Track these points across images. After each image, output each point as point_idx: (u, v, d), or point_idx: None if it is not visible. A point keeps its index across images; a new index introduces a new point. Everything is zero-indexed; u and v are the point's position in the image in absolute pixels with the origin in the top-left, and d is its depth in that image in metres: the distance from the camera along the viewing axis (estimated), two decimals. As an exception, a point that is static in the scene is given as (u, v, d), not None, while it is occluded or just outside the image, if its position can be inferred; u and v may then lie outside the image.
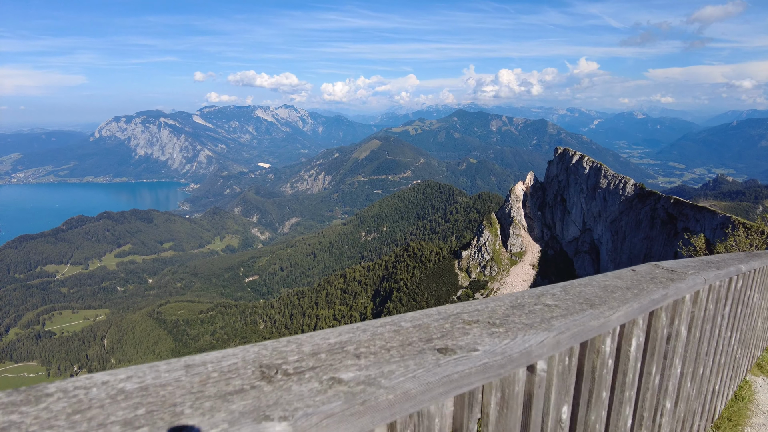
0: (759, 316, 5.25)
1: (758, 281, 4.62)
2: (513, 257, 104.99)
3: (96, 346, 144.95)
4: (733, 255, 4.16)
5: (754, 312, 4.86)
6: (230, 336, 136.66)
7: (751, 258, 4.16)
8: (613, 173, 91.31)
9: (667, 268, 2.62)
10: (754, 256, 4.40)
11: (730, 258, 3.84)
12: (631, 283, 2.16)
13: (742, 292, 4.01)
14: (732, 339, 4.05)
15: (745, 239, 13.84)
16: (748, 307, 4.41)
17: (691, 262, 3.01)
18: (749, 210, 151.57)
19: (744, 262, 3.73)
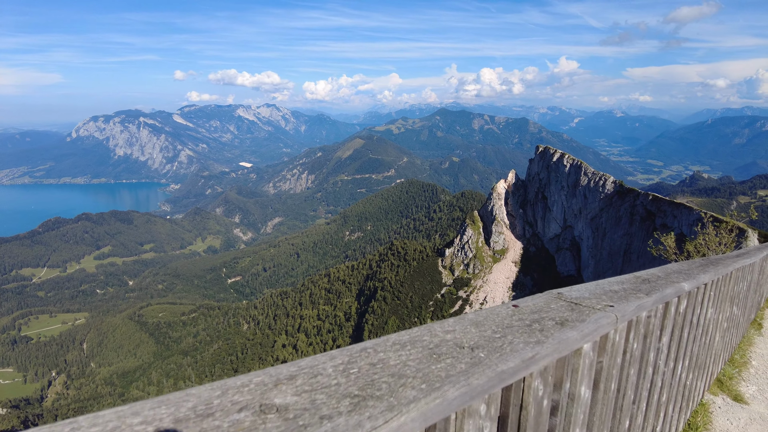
0: (717, 330, 4.78)
1: (713, 295, 4.16)
2: (496, 255, 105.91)
3: (75, 350, 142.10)
4: (680, 267, 3.61)
5: (709, 329, 4.38)
6: (213, 338, 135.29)
7: (702, 269, 3.69)
8: (593, 171, 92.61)
9: (572, 299, 2.01)
10: (707, 266, 3.93)
11: (673, 272, 3.23)
12: (484, 340, 1.41)
13: (689, 313, 3.48)
14: (678, 368, 3.56)
15: (714, 237, 13.62)
16: (700, 326, 3.92)
17: (615, 284, 2.49)
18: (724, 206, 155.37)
19: (691, 277, 3.21)
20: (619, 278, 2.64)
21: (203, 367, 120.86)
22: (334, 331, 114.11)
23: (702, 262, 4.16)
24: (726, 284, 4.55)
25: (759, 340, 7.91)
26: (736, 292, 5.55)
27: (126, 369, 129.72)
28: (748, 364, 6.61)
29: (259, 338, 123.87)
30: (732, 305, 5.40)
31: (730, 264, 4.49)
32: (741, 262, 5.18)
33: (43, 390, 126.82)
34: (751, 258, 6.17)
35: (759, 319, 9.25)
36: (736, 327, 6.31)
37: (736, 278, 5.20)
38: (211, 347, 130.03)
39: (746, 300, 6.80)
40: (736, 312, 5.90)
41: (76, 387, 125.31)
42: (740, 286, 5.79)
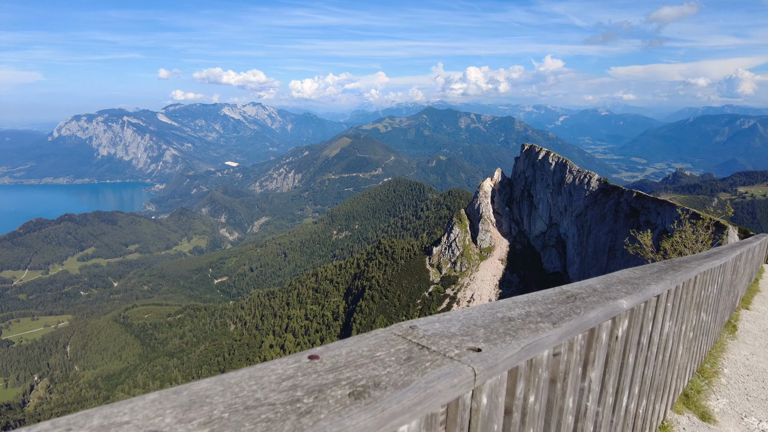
0: (680, 343, 4.29)
1: (671, 306, 3.60)
2: (482, 252, 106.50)
3: (58, 353, 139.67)
4: (630, 275, 3.07)
5: (668, 345, 3.84)
6: (200, 339, 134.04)
7: (657, 277, 3.20)
8: (578, 169, 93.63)
9: (422, 338, 1.37)
10: (667, 272, 3.51)
11: (616, 284, 2.70)
12: None
13: (635, 334, 2.82)
14: (624, 398, 2.92)
15: (691, 234, 13.39)
16: (654, 345, 3.34)
17: (520, 306, 1.88)
18: (705, 202, 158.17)
19: (638, 289, 2.65)
20: (535, 296, 2.07)
21: (190, 368, 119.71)
22: (322, 330, 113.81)
23: (661, 266, 3.79)
24: (690, 291, 4.14)
25: (732, 345, 7.46)
26: (705, 297, 5.12)
27: (111, 372, 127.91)
28: (719, 373, 6.12)
29: (247, 339, 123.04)
30: (699, 312, 4.96)
31: (694, 268, 4.13)
32: (709, 264, 4.84)
33: (25, 395, 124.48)
34: (722, 258, 5.88)
35: (733, 320, 8.90)
36: (705, 334, 5.88)
37: (704, 282, 4.78)
38: (198, 348, 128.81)
39: (717, 304, 6.38)
40: (705, 318, 5.47)
41: (59, 391, 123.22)
42: (709, 290, 5.35)
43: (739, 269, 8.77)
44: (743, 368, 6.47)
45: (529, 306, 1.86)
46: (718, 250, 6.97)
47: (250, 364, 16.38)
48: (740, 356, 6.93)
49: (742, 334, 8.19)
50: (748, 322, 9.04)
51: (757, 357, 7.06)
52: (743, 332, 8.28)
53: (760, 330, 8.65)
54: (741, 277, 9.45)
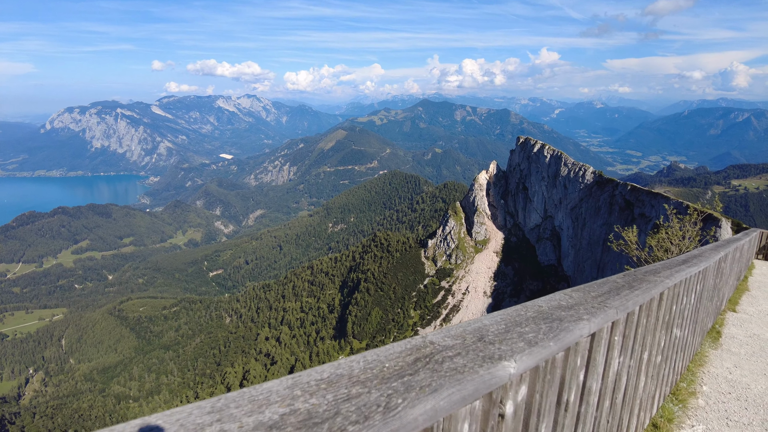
0: (642, 373, 3.65)
1: (619, 340, 2.80)
2: (477, 245, 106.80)
3: (53, 346, 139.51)
4: (563, 300, 2.39)
5: (622, 382, 3.10)
6: (195, 331, 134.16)
7: (599, 305, 2.42)
8: (573, 161, 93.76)
9: None
10: (615, 294, 2.76)
11: (494, 334, 1.81)
12: None
13: (550, 393, 2.03)
14: None
15: (678, 231, 12.81)
16: (592, 394, 2.59)
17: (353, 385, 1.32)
18: (699, 195, 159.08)
19: (551, 334, 1.85)
20: (356, 363, 1.34)
21: (185, 361, 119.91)
22: (317, 323, 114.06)
23: (616, 283, 3.14)
24: (655, 310, 3.59)
25: (714, 356, 6.68)
26: (678, 312, 4.55)
27: (106, 364, 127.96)
28: (696, 393, 5.36)
29: (242, 331, 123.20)
30: (671, 330, 4.39)
31: (661, 281, 3.56)
32: (684, 273, 4.26)
33: (20, 388, 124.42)
34: (703, 263, 5.29)
35: (718, 325, 8.19)
36: (681, 350, 5.24)
37: (675, 296, 4.24)
38: (194, 341, 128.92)
39: (696, 314, 5.79)
40: (679, 334, 4.88)
41: (54, 384, 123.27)
42: (685, 302, 4.78)
43: (725, 271, 8.17)
44: (725, 384, 5.75)
45: (336, 386, 1.20)
46: (699, 252, 6.24)
47: (245, 357, 16.49)
48: (722, 369, 6.22)
49: (727, 341, 7.48)
50: (734, 326, 8.38)
51: (741, 370, 6.31)
52: (728, 339, 7.58)
53: (747, 335, 7.93)
54: (727, 278, 8.90)
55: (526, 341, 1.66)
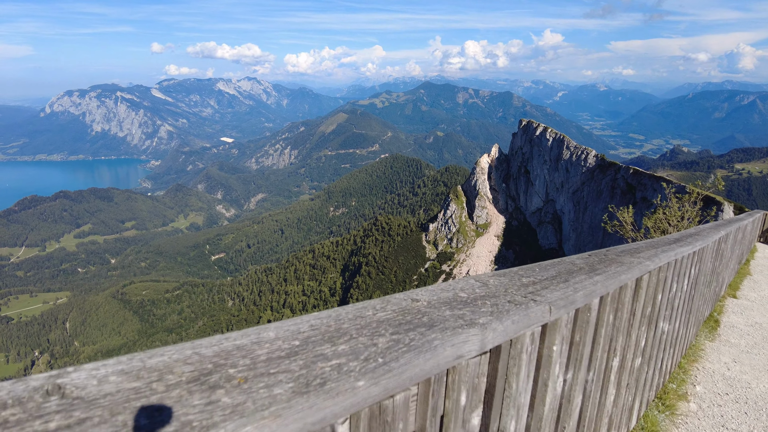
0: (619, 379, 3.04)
1: (563, 347, 2.08)
2: (478, 229, 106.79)
3: (58, 329, 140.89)
4: (480, 289, 1.90)
5: (573, 402, 2.34)
6: (198, 314, 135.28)
7: (529, 298, 1.75)
8: (575, 145, 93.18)
9: None
10: (565, 281, 2.11)
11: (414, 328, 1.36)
12: None
13: None
14: None
15: (676, 211, 12.19)
16: None
17: None
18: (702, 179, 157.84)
19: (458, 328, 1.28)
20: None
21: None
22: (319, 306, 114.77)
23: (575, 265, 2.38)
24: (627, 301, 2.78)
25: (711, 349, 5.92)
26: (666, 301, 3.81)
27: (111, 347, 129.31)
28: (688, 395, 4.59)
29: (244, 314, 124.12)
30: (656, 323, 3.63)
31: (634, 266, 2.66)
32: (672, 254, 3.46)
33: (26, 370, 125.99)
34: (698, 242, 4.51)
35: (716, 313, 7.46)
36: (670, 346, 4.48)
37: (662, 281, 3.47)
38: (196, 324, 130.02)
39: (690, 302, 5.01)
40: (667, 328, 4.13)
41: (59, 366, 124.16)
42: (675, 289, 4.03)
43: (725, 253, 7.46)
44: (722, 383, 5.01)
45: None
46: (696, 230, 5.51)
47: None
48: (719, 365, 5.49)
49: (726, 331, 6.79)
50: (734, 314, 7.69)
51: (741, 365, 5.53)
52: (727, 329, 6.88)
53: (748, 324, 7.23)
54: (728, 261, 8.21)
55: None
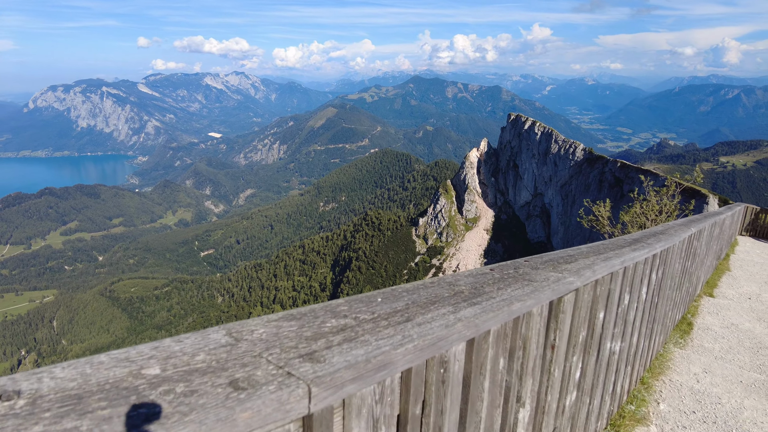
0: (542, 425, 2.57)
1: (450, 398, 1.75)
2: (468, 223, 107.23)
3: (45, 328, 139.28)
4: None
5: None
6: (187, 311, 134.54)
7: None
8: (563, 138, 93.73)
9: None
10: (415, 316, 1.80)
11: None
12: None
13: None
14: None
15: (655, 205, 11.73)
16: None
17: None
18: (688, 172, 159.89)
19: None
20: None
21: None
22: (310, 301, 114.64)
23: (429, 297, 1.70)
24: (532, 336, 2.09)
25: (680, 358, 5.36)
26: (617, 316, 3.28)
27: (99, 345, 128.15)
28: (648, 417, 3.98)
29: (234, 310, 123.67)
30: (602, 345, 3.08)
31: (547, 286, 2.04)
32: (614, 263, 2.83)
33: (12, 369, 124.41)
34: (659, 244, 3.94)
35: (690, 315, 7.02)
36: (627, 364, 3.93)
37: (602, 297, 2.86)
38: (186, 321, 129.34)
39: (654, 310, 4.50)
40: (620, 346, 3.53)
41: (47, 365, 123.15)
42: (628, 300, 3.48)
43: (698, 251, 6.90)
44: (689, 398, 4.40)
45: None
46: (663, 228, 5.05)
47: None
48: (688, 376, 4.88)
49: (699, 335, 6.25)
50: (709, 315, 7.23)
51: (712, 376, 4.96)
52: (701, 332, 6.36)
53: (723, 325, 6.74)
54: (703, 259, 7.73)
55: None
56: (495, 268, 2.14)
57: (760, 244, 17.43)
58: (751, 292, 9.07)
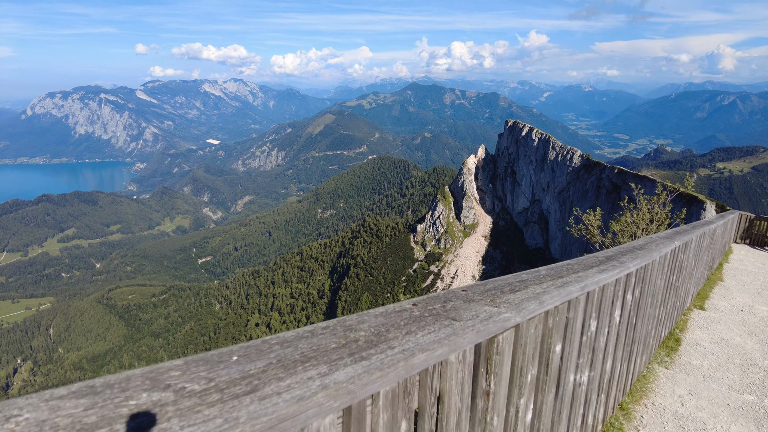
0: None
1: None
2: (466, 229, 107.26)
3: (41, 336, 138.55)
4: None
5: None
6: (185, 318, 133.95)
7: None
8: (561, 145, 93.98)
9: None
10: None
11: None
12: None
13: None
14: None
15: (646, 213, 11.34)
16: None
17: None
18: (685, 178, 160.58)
19: None
20: None
21: (175, 348, 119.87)
22: (307, 308, 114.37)
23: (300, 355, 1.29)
24: (448, 388, 1.71)
25: (665, 378, 5.00)
26: (584, 347, 2.97)
27: (96, 353, 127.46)
28: None
29: (232, 318, 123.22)
30: (557, 383, 2.68)
31: (471, 328, 1.68)
32: (571, 290, 2.47)
33: (8, 377, 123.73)
34: (632, 263, 3.48)
35: (679, 330, 6.65)
36: (600, 393, 3.57)
37: (552, 330, 2.44)
38: (183, 328, 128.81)
39: (633, 331, 4.12)
40: (587, 376, 3.16)
41: (43, 373, 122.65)
42: (596, 326, 3.10)
43: (686, 263, 6.49)
44: (672, 424, 4.01)
45: None
46: (644, 242, 4.52)
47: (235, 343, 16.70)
48: (672, 399, 4.50)
49: (687, 351, 5.87)
50: (699, 329, 6.88)
51: (698, 398, 4.60)
52: (689, 348, 5.99)
53: (713, 341, 6.33)
54: (691, 271, 7.35)
55: None
56: (419, 303, 1.80)
57: (755, 252, 17.25)
58: (743, 304, 8.86)
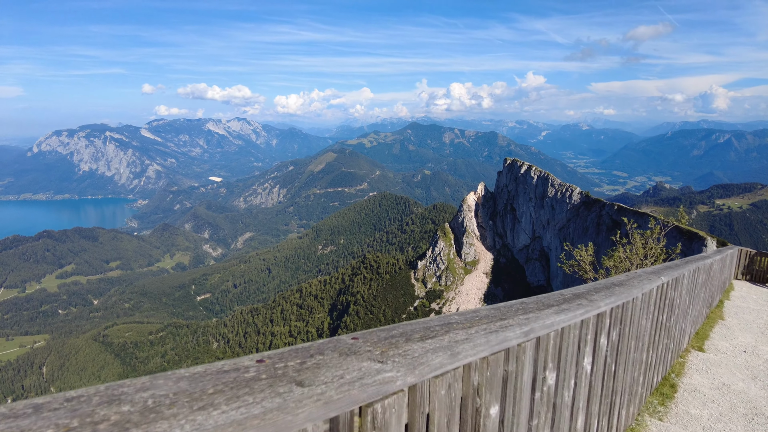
0: None
1: None
2: (467, 266, 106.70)
3: (33, 375, 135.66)
4: None
5: None
6: (182, 357, 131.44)
7: None
8: (560, 182, 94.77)
9: None
10: None
11: None
12: None
13: None
14: None
15: (640, 249, 11.16)
16: None
17: None
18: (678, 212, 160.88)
19: None
20: None
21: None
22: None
23: None
24: None
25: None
26: (530, 407, 2.36)
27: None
28: None
29: (229, 357, 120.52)
30: None
31: (341, 399, 1.24)
32: (493, 340, 1.93)
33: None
34: (603, 302, 3.01)
35: (675, 375, 6.14)
36: None
37: (468, 401, 1.90)
38: (180, 367, 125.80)
39: (612, 380, 3.67)
40: None
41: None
42: (554, 381, 2.56)
43: (679, 301, 6.10)
44: None
45: None
46: (626, 277, 4.09)
47: None
48: None
49: (684, 398, 5.30)
50: (697, 373, 6.33)
51: None
52: (686, 395, 5.42)
53: (713, 386, 5.78)
54: (686, 309, 6.94)
55: None
56: (272, 357, 1.30)
57: (756, 289, 16.87)
58: (746, 344, 8.41)
